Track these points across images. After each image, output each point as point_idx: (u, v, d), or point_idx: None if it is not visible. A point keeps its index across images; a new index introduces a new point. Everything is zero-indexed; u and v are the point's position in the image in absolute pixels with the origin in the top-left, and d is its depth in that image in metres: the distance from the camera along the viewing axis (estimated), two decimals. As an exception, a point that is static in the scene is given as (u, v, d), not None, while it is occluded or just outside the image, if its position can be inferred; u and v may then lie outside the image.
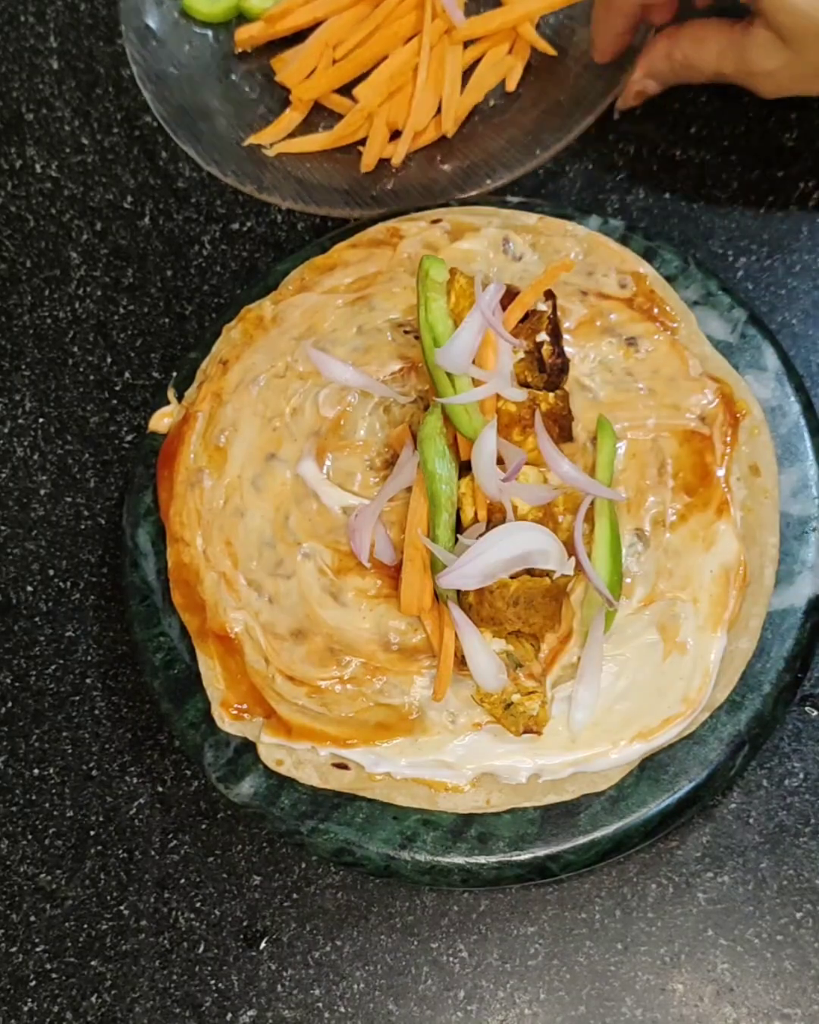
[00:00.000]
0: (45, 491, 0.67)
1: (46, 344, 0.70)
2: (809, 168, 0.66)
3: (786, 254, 0.65)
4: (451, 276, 0.59)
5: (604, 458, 0.56)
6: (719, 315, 0.59)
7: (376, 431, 0.60)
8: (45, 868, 0.60)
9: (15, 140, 0.74)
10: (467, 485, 0.54)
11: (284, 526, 0.58)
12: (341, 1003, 0.56)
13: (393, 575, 0.56)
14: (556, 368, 0.57)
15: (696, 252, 0.65)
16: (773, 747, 0.56)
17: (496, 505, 0.53)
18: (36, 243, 0.72)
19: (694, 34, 0.61)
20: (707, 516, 0.55)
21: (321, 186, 0.65)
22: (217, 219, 0.71)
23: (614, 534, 0.54)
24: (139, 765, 0.61)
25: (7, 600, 0.65)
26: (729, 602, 0.54)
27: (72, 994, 0.58)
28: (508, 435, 0.55)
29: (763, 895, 0.54)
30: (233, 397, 0.61)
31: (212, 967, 0.57)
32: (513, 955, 0.55)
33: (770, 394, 0.58)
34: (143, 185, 0.72)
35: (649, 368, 0.58)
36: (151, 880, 0.59)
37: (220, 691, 0.56)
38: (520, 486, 0.53)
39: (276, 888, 0.58)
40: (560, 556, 0.52)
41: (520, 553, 0.51)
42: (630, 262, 0.60)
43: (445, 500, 0.54)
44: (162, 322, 0.69)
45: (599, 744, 0.52)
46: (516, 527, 0.52)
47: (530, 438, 0.55)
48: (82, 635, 0.64)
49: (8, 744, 0.62)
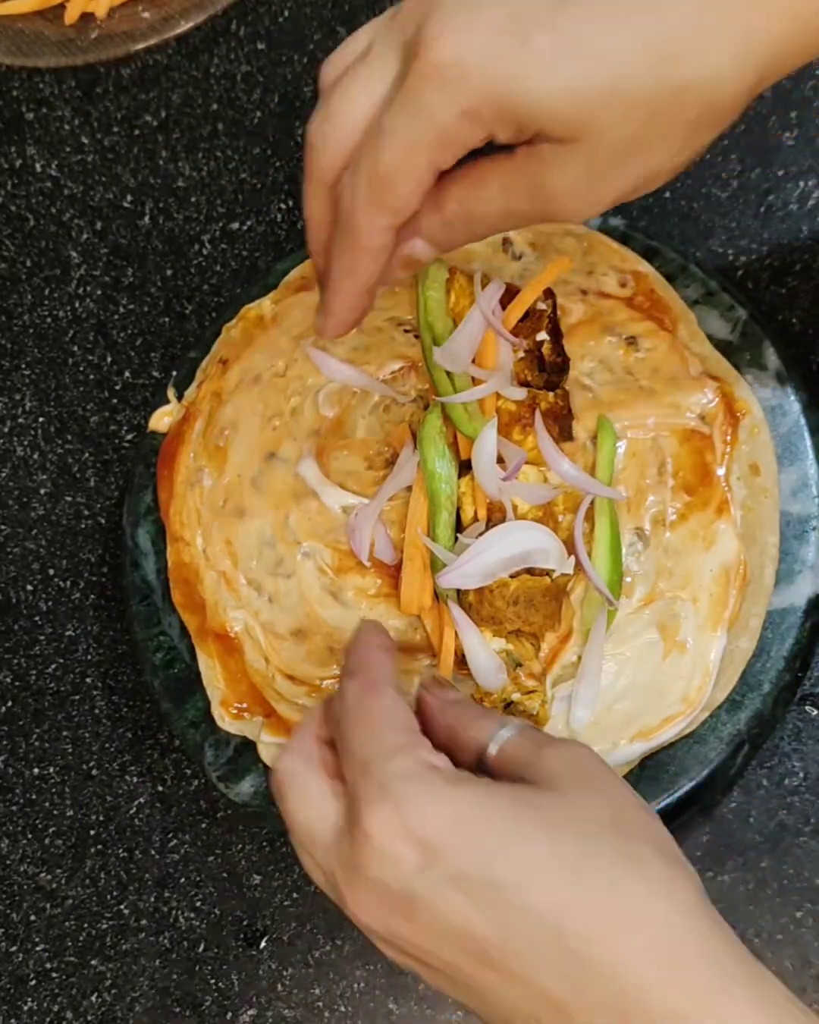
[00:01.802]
0: (45, 490, 0.67)
1: (46, 343, 0.70)
2: (809, 167, 0.66)
3: (786, 253, 0.65)
4: (451, 275, 0.59)
5: (604, 457, 0.56)
6: (719, 314, 0.59)
7: (376, 430, 0.60)
8: (45, 867, 0.60)
9: (15, 139, 0.74)
10: (467, 484, 0.54)
11: (284, 525, 0.58)
12: (341, 1002, 0.56)
13: (393, 574, 0.56)
14: (556, 367, 0.57)
15: (696, 251, 0.65)
16: (773, 746, 0.56)
17: (496, 504, 0.53)
18: (36, 242, 0.72)
19: (468, 176, 0.42)
20: (707, 515, 0.55)
21: (33, 41, 0.74)
22: (217, 218, 0.71)
23: (614, 533, 0.54)
24: (139, 764, 0.61)
25: (7, 599, 0.65)
26: (729, 601, 0.54)
27: (72, 993, 0.58)
28: (508, 434, 0.55)
29: (763, 894, 0.54)
30: (233, 396, 0.61)
31: (212, 966, 0.57)
32: (513, 954, 0.55)
33: (770, 393, 0.58)
34: (143, 184, 0.72)
35: (649, 367, 0.58)
36: (151, 879, 0.59)
37: (220, 690, 0.56)
38: (520, 485, 0.53)
39: (276, 887, 0.58)
40: (560, 555, 0.52)
41: (520, 552, 0.51)
42: (630, 261, 0.60)
43: (445, 499, 0.54)
44: (162, 321, 0.69)
45: (599, 743, 0.52)
46: (516, 526, 0.52)
47: (530, 437, 0.55)
48: (82, 634, 0.64)
49: (8, 743, 0.62)
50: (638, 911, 0.36)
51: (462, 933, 0.37)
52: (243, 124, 0.72)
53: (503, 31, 0.37)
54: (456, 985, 0.39)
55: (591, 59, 0.37)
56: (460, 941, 0.37)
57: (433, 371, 0.56)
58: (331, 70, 0.42)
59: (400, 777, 0.39)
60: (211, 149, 0.72)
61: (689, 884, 0.37)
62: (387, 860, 0.37)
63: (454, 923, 0.37)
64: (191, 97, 0.73)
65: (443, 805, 0.38)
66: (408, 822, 0.37)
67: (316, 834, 0.41)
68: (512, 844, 0.37)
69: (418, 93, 0.38)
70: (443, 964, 0.38)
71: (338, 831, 0.40)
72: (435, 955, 0.38)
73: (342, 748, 0.41)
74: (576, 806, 0.39)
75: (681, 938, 0.36)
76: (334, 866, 0.40)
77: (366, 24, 0.43)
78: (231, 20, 0.74)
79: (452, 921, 0.37)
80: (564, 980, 0.36)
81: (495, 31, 0.37)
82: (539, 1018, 0.36)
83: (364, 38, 0.42)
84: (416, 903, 0.37)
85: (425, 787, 0.38)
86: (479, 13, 0.37)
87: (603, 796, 0.40)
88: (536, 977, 0.36)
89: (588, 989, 0.35)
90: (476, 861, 0.37)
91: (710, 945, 0.36)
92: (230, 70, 0.74)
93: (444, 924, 0.37)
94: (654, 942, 0.36)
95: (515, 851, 0.37)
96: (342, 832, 0.39)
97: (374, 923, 0.39)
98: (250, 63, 0.73)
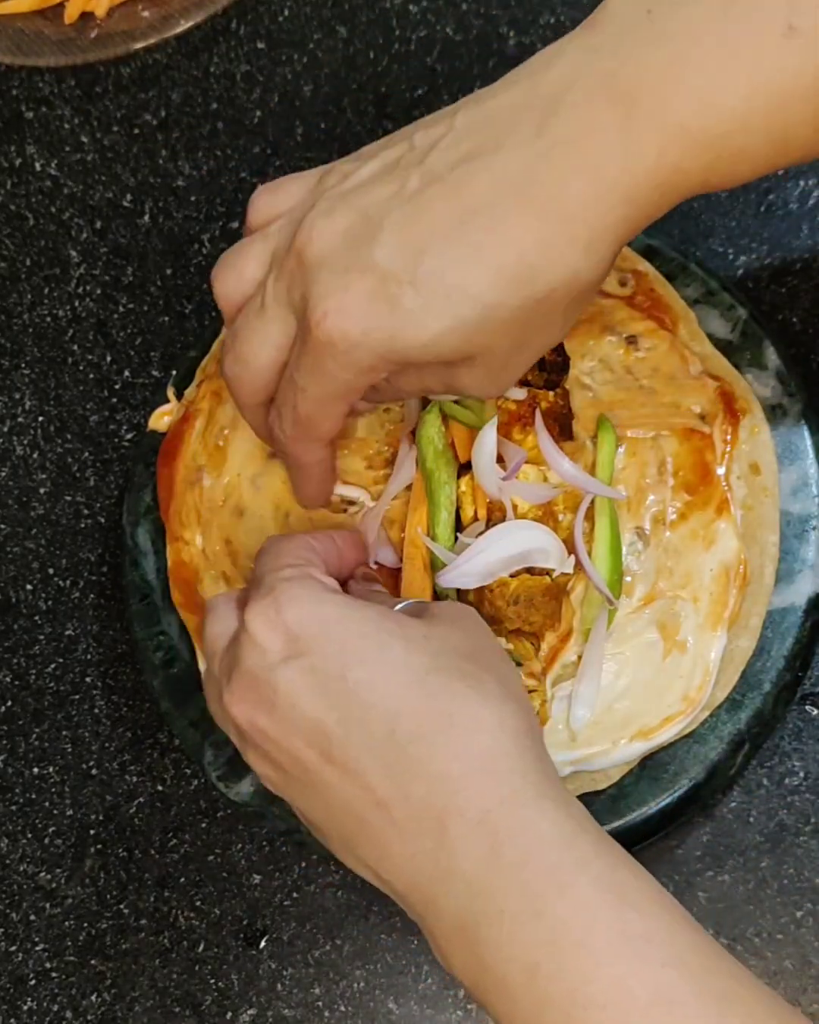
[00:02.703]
0: (45, 490, 0.67)
1: (46, 342, 0.70)
2: (809, 166, 0.66)
3: (787, 252, 0.65)
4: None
5: (604, 457, 0.56)
6: (719, 313, 0.59)
7: (376, 430, 0.60)
8: (45, 867, 0.60)
9: (14, 138, 0.74)
10: (467, 484, 0.54)
11: (284, 525, 0.58)
12: (341, 1002, 0.56)
13: (392, 574, 0.56)
14: (556, 366, 0.57)
15: (696, 250, 0.65)
16: (773, 746, 0.56)
17: (496, 504, 0.53)
18: (35, 241, 0.72)
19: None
20: (707, 515, 0.55)
21: (33, 40, 0.74)
22: (217, 217, 0.71)
23: (614, 533, 0.54)
24: (139, 764, 0.61)
25: (7, 599, 0.65)
26: (729, 600, 0.54)
27: (72, 993, 0.58)
28: (508, 433, 0.55)
29: (763, 894, 0.54)
30: (233, 396, 0.61)
31: (212, 966, 0.57)
32: (513, 954, 0.55)
33: (770, 392, 0.58)
34: (143, 183, 0.72)
35: (649, 366, 0.58)
36: (151, 879, 0.59)
37: (220, 690, 0.56)
38: (521, 484, 0.53)
39: (276, 887, 0.58)
40: (560, 554, 0.52)
41: (520, 551, 0.51)
42: (630, 260, 0.60)
43: (444, 499, 0.54)
44: (162, 320, 0.69)
45: (599, 743, 0.52)
46: (516, 526, 0.52)
47: (530, 436, 0.55)
48: (82, 634, 0.64)
49: (8, 743, 0.62)
50: (467, 720, 0.40)
51: (312, 725, 0.40)
52: (243, 123, 0.72)
53: (374, 297, 0.41)
54: (301, 786, 0.42)
55: (457, 303, 0.41)
56: (309, 734, 0.40)
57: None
58: (230, 294, 0.47)
59: (285, 579, 0.43)
60: (211, 148, 0.72)
61: (519, 715, 0.41)
62: (256, 648, 0.41)
63: (306, 712, 0.40)
64: (191, 96, 0.73)
65: (318, 605, 0.42)
66: (282, 614, 0.41)
67: (218, 646, 0.45)
68: (370, 648, 0.41)
69: (319, 360, 0.43)
70: (292, 760, 0.41)
71: (230, 638, 0.44)
72: (286, 750, 0.41)
73: (250, 578, 0.46)
74: (438, 632, 0.43)
75: (502, 750, 0.39)
76: (221, 671, 0.44)
77: (244, 243, 0.47)
78: (231, 19, 0.74)
79: (304, 710, 0.40)
80: (389, 776, 0.39)
81: (367, 300, 0.41)
82: (364, 816, 0.40)
83: (253, 265, 0.46)
84: (276, 691, 0.41)
85: (307, 591, 0.42)
86: (351, 286, 0.41)
87: (467, 634, 0.44)
88: (366, 772, 0.39)
89: (410, 786, 0.39)
90: (335, 657, 0.41)
91: (525, 762, 0.40)
92: (230, 69, 0.73)
93: (297, 713, 0.40)
94: (476, 749, 0.39)
95: (371, 654, 0.41)
96: (232, 637, 0.44)
97: (241, 716, 0.42)
98: (250, 62, 0.73)
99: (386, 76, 0.72)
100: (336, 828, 0.42)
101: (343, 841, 0.42)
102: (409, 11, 0.73)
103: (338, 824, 0.41)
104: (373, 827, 0.40)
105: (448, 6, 0.72)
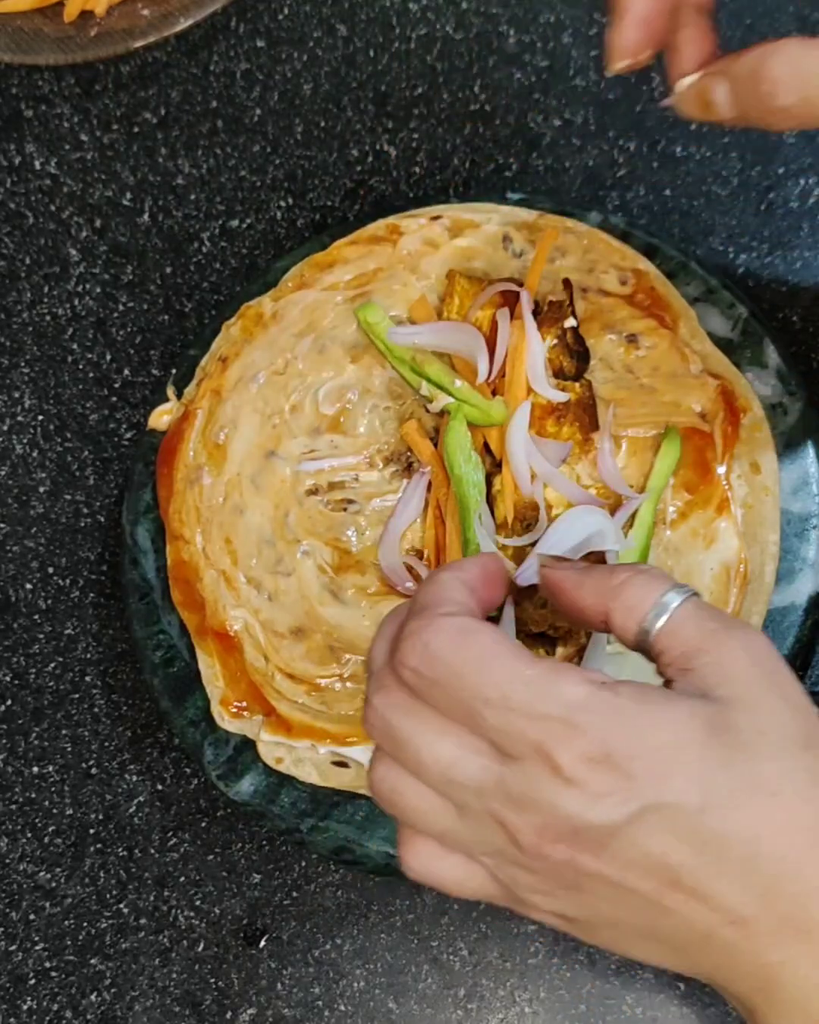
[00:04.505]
0: (44, 488, 0.67)
1: (45, 341, 0.69)
2: (810, 165, 0.66)
3: (787, 251, 0.65)
4: (450, 279, 0.60)
5: (665, 467, 0.56)
6: (720, 312, 0.59)
7: (376, 428, 0.60)
8: (44, 866, 0.60)
9: (14, 137, 0.74)
10: (499, 483, 0.54)
11: (284, 524, 0.58)
12: (341, 1001, 0.56)
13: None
14: (579, 356, 0.57)
15: (697, 249, 0.65)
16: (774, 745, 0.56)
17: (530, 503, 0.54)
18: (35, 240, 0.72)
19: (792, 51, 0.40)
20: (707, 514, 0.55)
21: (32, 38, 0.73)
22: (216, 216, 0.71)
23: (648, 535, 0.54)
24: (139, 763, 0.61)
25: (6, 598, 0.65)
26: (730, 599, 0.54)
27: (71, 992, 0.58)
28: (542, 427, 0.55)
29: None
30: (232, 394, 0.61)
31: (212, 965, 0.57)
32: (514, 953, 0.55)
33: (771, 391, 0.58)
34: (142, 182, 0.72)
35: (649, 365, 0.58)
36: (151, 878, 0.59)
37: (220, 689, 0.56)
38: (564, 479, 0.54)
39: (276, 886, 0.58)
40: (616, 534, 0.53)
41: (584, 538, 0.52)
42: (631, 259, 0.60)
43: (474, 502, 0.54)
44: (161, 319, 0.69)
45: (600, 742, 0.52)
46: (580, 512, 0.53)
47: (564, 428, 0.55)
48: (81, 633, 0.64)
49: (7, 742, 0.62)
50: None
51: (657, 860, 0.36)
52: (242, 121, 0.72)
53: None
54: (619, 908, 0.37)
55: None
56: (653, 868, 0.36)
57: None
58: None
59: (579, 708, 0.36)
60: (210, 146, 0.72)
61: None
62: (585, 793, 0.36)
63: (651, 851, 0.36)
64: (190, 94, 0.73)
65: (641, 733, 0.36)
66: (604, 748, 0.36)
67: (463, 780, 0.38)
68: (712, 771, 0.36)
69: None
70: (618, 892, 0.37)
71: (496, 774, 0.37)
72: (616, 883, 0.37)
73: (466, 708, 0.37)
74: (767, 720, 0.37)
75: None
76: (504, 814, 0.37)
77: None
78: (231, 17, 0.74)
79: (650, 850, 0.36)
80: (750, 895, 0.35)
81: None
82: (712, 933, 0.36)
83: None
84: (616, 834, 0.36)
85: (610, 711, 0.36)
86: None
87: (790, 704, 0.38)
88: (722, 894, 0.36)
89: (776, 904, 0.35)
90: (678, 788, 0.36)
91: None
92: (229, 67, 0.73)
93: (640, 852, 0.36)
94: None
95: (714, 778, 0.36)
96: (502, 775, 0.37)
97: (560, 856, 0.37)
98: (249, 60, 0.73)
99: (386, 74, 0.72)
100: (667, 938, 0.38)
101: (671, 948, 0.38)
102: (409, 9, 0.73)
103: (671, 937, 0.38)
104: (723, 941, 0.36)
105: (448, 4, 0.72)
